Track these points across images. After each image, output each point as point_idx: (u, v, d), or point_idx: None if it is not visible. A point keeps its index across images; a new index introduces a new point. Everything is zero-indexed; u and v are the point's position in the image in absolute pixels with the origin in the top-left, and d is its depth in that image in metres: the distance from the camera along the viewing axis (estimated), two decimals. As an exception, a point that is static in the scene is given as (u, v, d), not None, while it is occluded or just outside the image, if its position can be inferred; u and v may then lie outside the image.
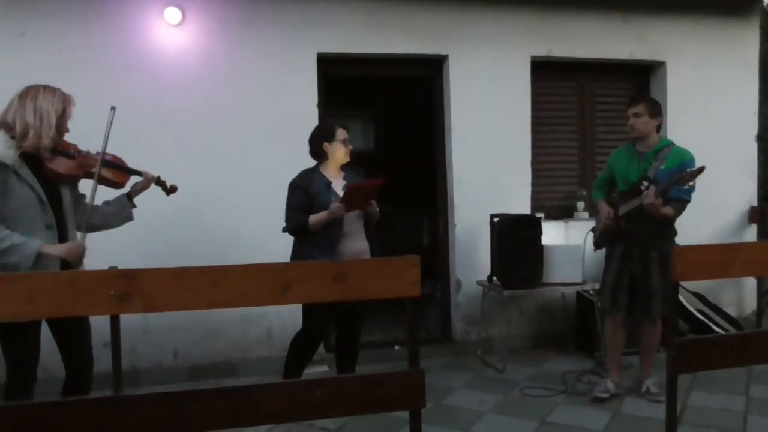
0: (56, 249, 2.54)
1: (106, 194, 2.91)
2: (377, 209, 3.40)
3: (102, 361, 3.55)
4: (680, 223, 3.67)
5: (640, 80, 5.34)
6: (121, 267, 1.81)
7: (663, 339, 3.73)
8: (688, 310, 4.76)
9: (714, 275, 2.52)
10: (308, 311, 3.38)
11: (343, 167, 3.46)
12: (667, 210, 3.49)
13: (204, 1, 4.27)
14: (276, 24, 4.39)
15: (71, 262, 2.57)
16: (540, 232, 4.38)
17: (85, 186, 2.80)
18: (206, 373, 4.29)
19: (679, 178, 3.34)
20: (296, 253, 3.40)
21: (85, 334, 2.75)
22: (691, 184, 3.35)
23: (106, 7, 4.12)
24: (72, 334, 2.70)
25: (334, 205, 3.21)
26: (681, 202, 3.55)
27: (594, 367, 4.31)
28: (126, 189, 2.94)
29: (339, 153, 3.38)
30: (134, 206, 2.96)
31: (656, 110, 3.64)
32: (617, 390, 3.77)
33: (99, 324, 2.75)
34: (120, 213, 2.90)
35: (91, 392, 2.75)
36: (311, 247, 3.30)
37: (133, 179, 2.96)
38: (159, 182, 3.02)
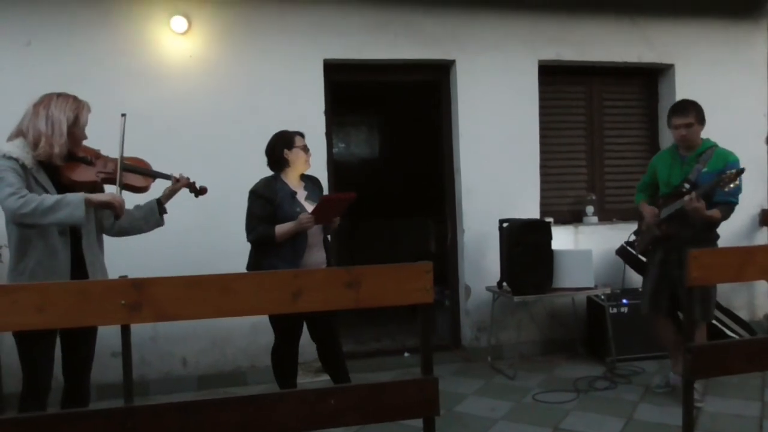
0: (99, 197, 2.58)
1: (136, 199, 2.88)
2: (337, 222, 3.34)
3: (111, 370, 3.57)
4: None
5: (648, 83, 5.32)
6: (130, 276, 1.79)
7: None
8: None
9: (729, 279, 2.49)
10: (273, 321, 3.31)
11: (303, 177, 3.40)
12: (714, 212, 3.45)
13: (210, 10, 4.27)
14: (282, 31, 4.39)
15: (116, 208, 2.60)
16: (550, 237, 4.34)
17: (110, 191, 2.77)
18: (215, 382, 4.27)
19: (719, 180, 3.31)
20: (255, 265, 3.28)
21: (91, 343, 2.74)
22: (732, 186, 3.31)
23: (111, 17, 4.12)
24: (78, 342, 2.69)
25: (304, 217, 3.13)
26: (729, 205, 3.52)
27: (605, 373, 4.26)
28: (152, 192, 2.90)
29: (300, 160, 3.31)
30: (165, 212, 2.91)
31: (703, 115, 3.62)
32: (675, 381, 3.80)
33: (107, 333, 2.74)
34: (149, 218, 2.86)
35: (102, 401, 2.74)
36: (273, 257, 3.19)
37: (161, 183, 2.92)
38: (187, 184, 2.98)
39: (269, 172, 3.39)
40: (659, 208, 3.71)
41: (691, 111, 3.59)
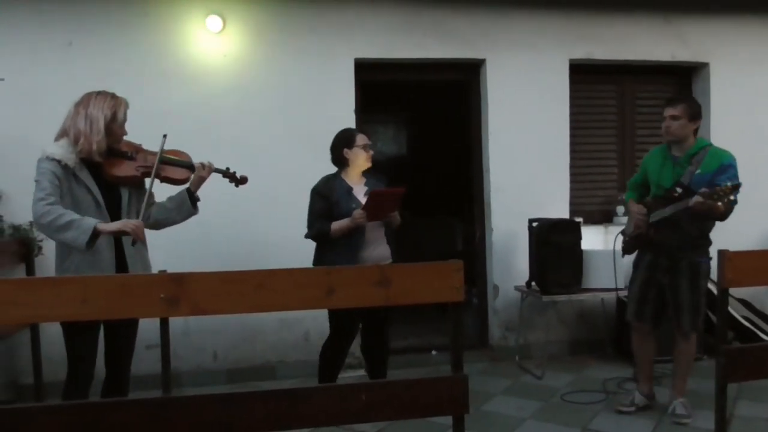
0: (111, 226, 2.58)
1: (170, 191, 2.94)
2: (398, 218, 3.35)
3: (144, 362, 3.65)
4: (721, 227, 3.45)
5: (682, 82, 5.23)
6: (169, 270, 1.85)
7: (710, 347, 3.63)
8: (734, 317, 4.64)
9: (766, 282, 2.46)
10: (334, 316, 3.35)
11: (365, 174, 3.43)
12: (716, 206, 3.12)
13: (244, 10, 4.34)
14: (314, 31, 4.43)
15: (132, 234, 2.57)
16: (579, 237, 4.32)
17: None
18: (245, 376, 4.34)
19: (713, 193, 3.05)
20: (318, 260, 3.37)
21: (132, 335, 2.82)
22: (729, 199, 3.05)
23: (149, 17, 4.22)
24: (120, 333, 2.77)
25: (357, 213, 3.18)
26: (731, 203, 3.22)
27: (635, 374, 4.22)
28: (205, 186, 2.94)
29: (360, 159, 3.35)
30: (198, 199, 2.92)
31: (696, 113, 3.37)
32: (646, 402, 3.68)
33: (141, 327, 2.82)
34: (181, 207, 2.88)
35: (135, 392, 2.81)
36: (332, 254, 3.26)
37: (217, 178, 2.98)
38: (227, 174, 3.01)
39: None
40: (649, 209, 3.50)
41: (680, 103, 3.35)
